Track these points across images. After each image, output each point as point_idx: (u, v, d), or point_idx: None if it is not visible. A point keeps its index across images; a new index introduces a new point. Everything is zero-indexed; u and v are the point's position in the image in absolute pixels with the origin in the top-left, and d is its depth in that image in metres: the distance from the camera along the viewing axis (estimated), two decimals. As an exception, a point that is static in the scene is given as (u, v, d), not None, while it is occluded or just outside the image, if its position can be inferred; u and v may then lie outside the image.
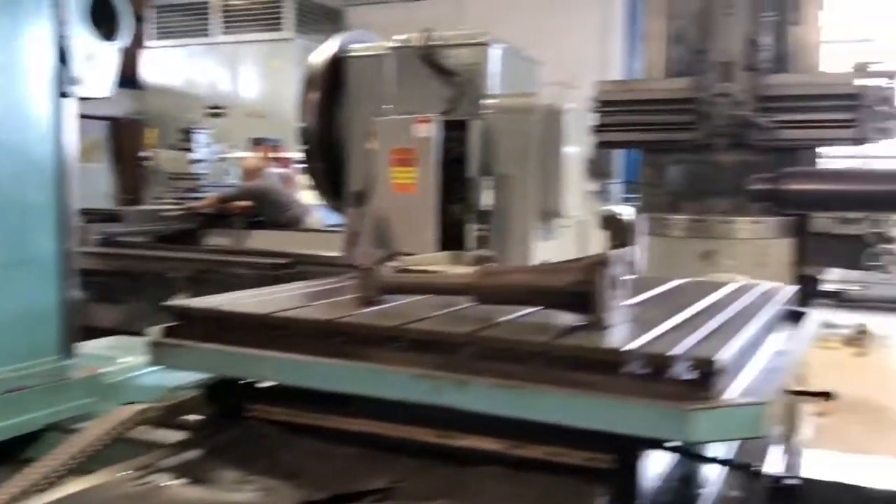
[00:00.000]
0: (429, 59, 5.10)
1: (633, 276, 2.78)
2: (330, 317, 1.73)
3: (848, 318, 9.00)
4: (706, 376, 1.41)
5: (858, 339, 7.97)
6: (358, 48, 5.78)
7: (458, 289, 1.82)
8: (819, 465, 2.30)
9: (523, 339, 1.55)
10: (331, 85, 5.70)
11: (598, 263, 1.65)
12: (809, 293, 9.12)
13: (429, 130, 4.68)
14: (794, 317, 2.43)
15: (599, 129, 8.91)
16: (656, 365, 1.44)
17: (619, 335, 1.59)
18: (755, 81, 7.98)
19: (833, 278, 9.69)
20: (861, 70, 8.49)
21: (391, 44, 5.40)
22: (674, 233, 7.73)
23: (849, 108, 7.83)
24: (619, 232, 10.15)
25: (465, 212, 4.92)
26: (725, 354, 1.45)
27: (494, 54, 5.15)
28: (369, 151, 5.10)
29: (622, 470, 1.49)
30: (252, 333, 1.73)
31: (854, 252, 8.48)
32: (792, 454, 2.22)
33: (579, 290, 1.67)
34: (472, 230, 4.96)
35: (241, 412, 1.81)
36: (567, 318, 1.69)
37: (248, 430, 1.77)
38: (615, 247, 9.89)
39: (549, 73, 12.21)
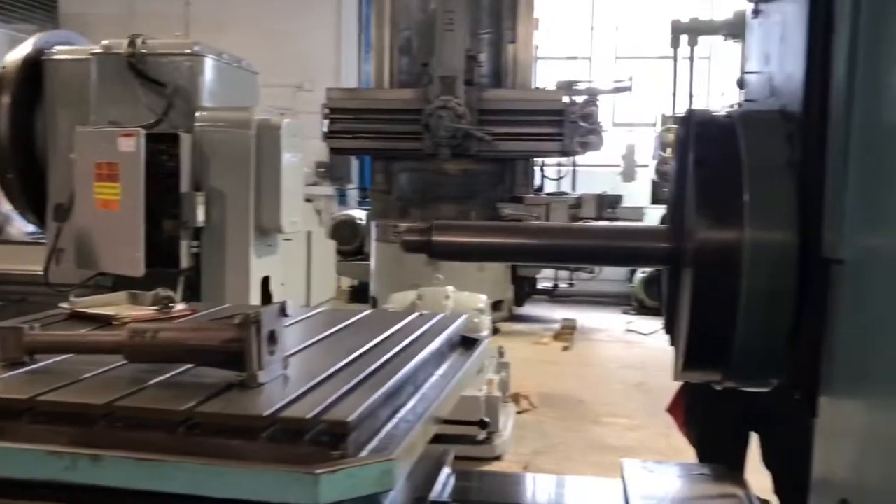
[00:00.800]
0: (136, 67, 4.84)
1: (320, 311, 2.85)
2: (-45, 389, 1.60)
3: (560, 314, 9.86)
4: (339, 437, 1.47)
5: (565, 333, 8.76)
6: (61, 50, 5.35)
7: (109, 348, 1.75)
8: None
9: (163, 409, 1.53)
10: (28, 88, 5.24)
11: (250, 321, 1.66)
12: (527, 292, 9.87)
13: (134, 144, 4.44)
14: (468, 343, 2.59)
15: (331, 135, 9.04)
16: (292, 429, 1.48)
17: (267, 396, 1.62)
18: (474, 95, 8.47)
19: (547, 276, 10.55)
20: (567, 88, 9.31)
21: (96, 49, 5.06)
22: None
23: (556, 123, 8.56)
24: (351, 238, 10.33)
25: (178, 228, 4.74)
26: (360, 413, 1.52)
27: (207, 65, 4.99)
28: (73, 163, 4.76)
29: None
30: None
31: (563, 254, 9.25)
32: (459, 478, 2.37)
33: (231, 348, 1.67)
34: (187, 247, 4.79)
35: None
36: (222, 375, 1.69)
37: None
38: (348, 253, 10.04)
39: (284, 75, 12.12)
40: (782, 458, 2.88)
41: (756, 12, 2.08)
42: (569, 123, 8.36)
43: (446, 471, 2.38)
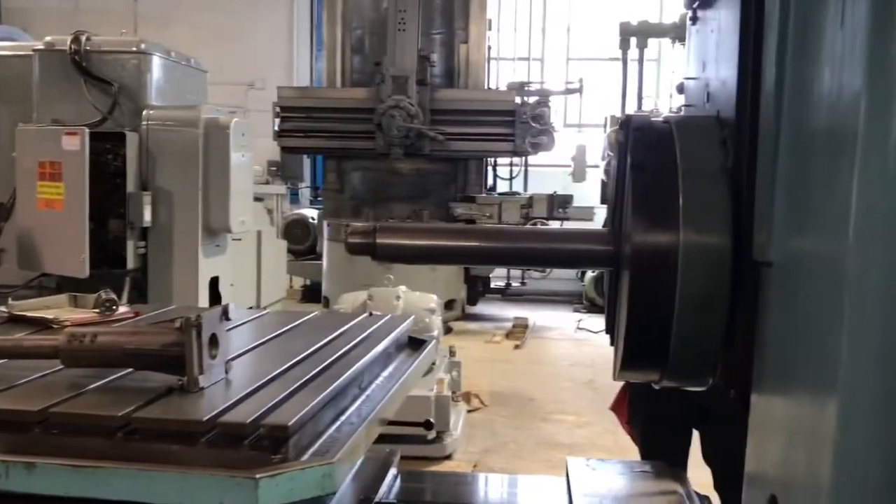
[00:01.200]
0: (80, 65, 4.76)
1: (266, 313, 2.83)
2: None
3: (512, 312, 9.92)
4: (279, 441, 1.47)
5: (517, 332, 8.83)
6: (1, 46, 5.25)
7: (45, 352, 1.73)
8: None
9: (100, 414, 1.51)
10: (-33, 84, 5.12)
11: (191, 325, 1.65)
12: (480, 291, 9.90)
13: (78, 143, 4.37)
14: (416, 344, 2.60)
15: (282, 134, 8.97)
16: (232, 434, 1.47)
17: (207, 400, 1.61)
18: (426, 95, 8.48)
19: (499, 276, 10.60)
20: (518, 88, 9.37)
21: (38, 45, 4.96)
22: (354, 238, 7.98)
23: (508, 123, 8.62)
24: (303, 237, 10.27)
25: (124, 229, 4.67)
26: (300, 417, 1.52)
27: (155, 62, 4.93)
28: (14, 162, 4.66)
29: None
30: None
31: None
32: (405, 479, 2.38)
33: (171, 352, 1.66)
34: (133, 248, 4.73)
35: None
36: (162, 380, 1.68)
37: None
38: (300, 252, 9.99)
39: (235, 73, 11.99)
40: (721, 454, 2.95)
41: (694, 19, 2.12)
42: (520, 124, 8.42)
43: (393, 471, 2.39)
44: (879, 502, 1.08)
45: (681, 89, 2.30)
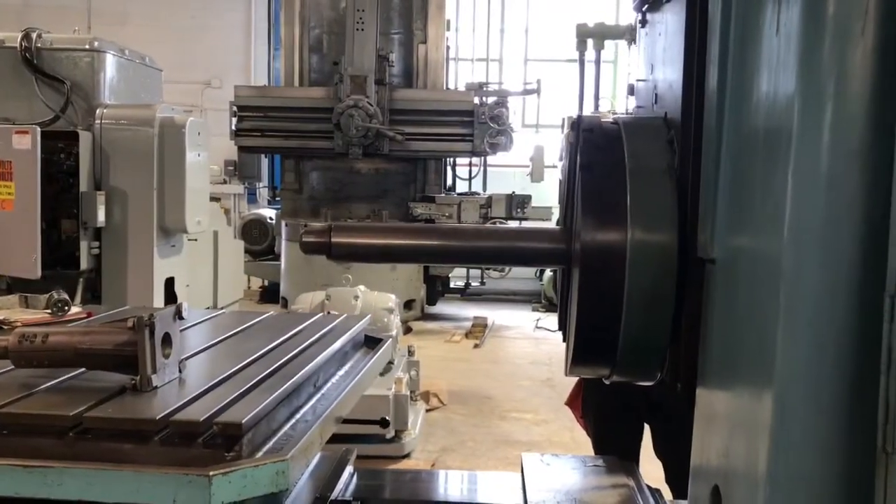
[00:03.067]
0: (31, 62, 4.69)
1: (222, 313, 2.83)
2: None
3: (472, 312, 9.94)
4: (232, 439, 1.48)
5: (476, 331, 8.85)
6: (-52, 42, 5.12)
7: (-4, 353, 1.71)
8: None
9: (51, 414, 1.50)
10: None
11: (143, 324, 1.64)
12: (439, 291, 9.90)
13: (29, 142, 4.30)
14: (373, 343, 2.61)
15: (239, 133, 8.90)
16: (185, 432, 1.48)
17: (160, 399, 1.61)
18: (385, 95, 8.49)
19: (459, 276, 10.63)
20: (476, 89, 9.41)
21: (-13, 42, 4.87)
22: (313, 238, 7.95)
23: (466, 124, 8.66)
24: (261, 238, 10.21)
25: (77, 229, 4.61)
26: (254, 415, 1.53)
27: (108, 61, 4.87)
28: (-38, 161, 4.57)
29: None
30: None
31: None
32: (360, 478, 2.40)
33: (124, 352, 1.65)
34: (87, 248, 4.67)
35: None
36: (115, 379, 1.67)
37: None
38: (258, 253, 9.92)
39: (191, 71, 11.87)
40: (671, 448, 3.01)
41: (643, 22, 2.17)
42: (479, 124, 8.46)
43: (349, 469, 2.40)
44: (814, 491, 1.12)
45: (631, 91, 2.35)
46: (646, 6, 2.12)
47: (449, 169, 10.05)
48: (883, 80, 1.05)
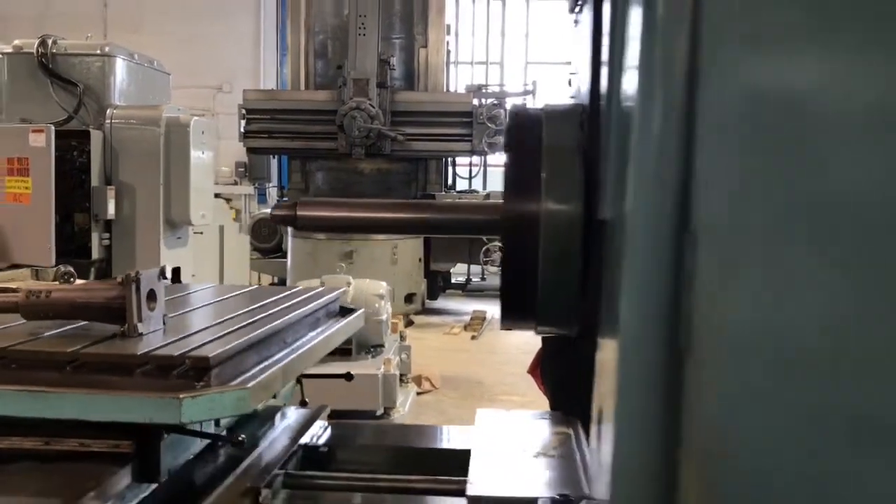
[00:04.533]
0: (47, 67, 5.03)
1: (211, 286, 3.13)
2: None
3: (472, 307, 10.21)
4: (202, 371, 1.78)
5: (475, 324, 9.13)
6: (-29, 49, 5.49)
7: (9, 308, 2.02)
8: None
9: (52, 350, 1.81)
10: (-62, 86, 5.36)
11: (130, 280, 1.95)
12: (441, 286, 10.18)
13: (44, 140, 4.64)
14: (348, 314, 2.90)
15: (247, 135, 9.25)
16: (163, 365, 1.78)
17: (144, 342, 1.91)
18: (387, 97, 8.80)
19: (460, 272, 10.90)
20: (476, 91, 9.71)
21: (6, 48, 5.22)
22: (317, 235, 8.30)
23: (465, 124, 8.95)
24: (270, 236, 10.54)
25: (89, 221, 4.95)
26: (221, 352, 1.83)
27: (118, 65, 5.21)
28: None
29: (142, 452, 1.82)
30: None
31: (473, 250, 9.65)
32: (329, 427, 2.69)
33: (114, 303, 1.96)
34: (98, 239, 5.00)
35: None
36: (109, 329, 1.98)
37: None
38: (267, 251, 10.25)
39: (204, 76, 12.24)
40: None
41: (576, 22, 2.47)
42: (477, 125, 8.75)
43: (321, 423, 2.70)
44: (655, 428, 1.37)
45: (569, 83, 2.63)
46: (577, 8, 2.41)
47: (450, 168, 10.34)
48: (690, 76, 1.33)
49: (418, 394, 5.69)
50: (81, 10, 11.62)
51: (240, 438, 1.94)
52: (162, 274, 2.08)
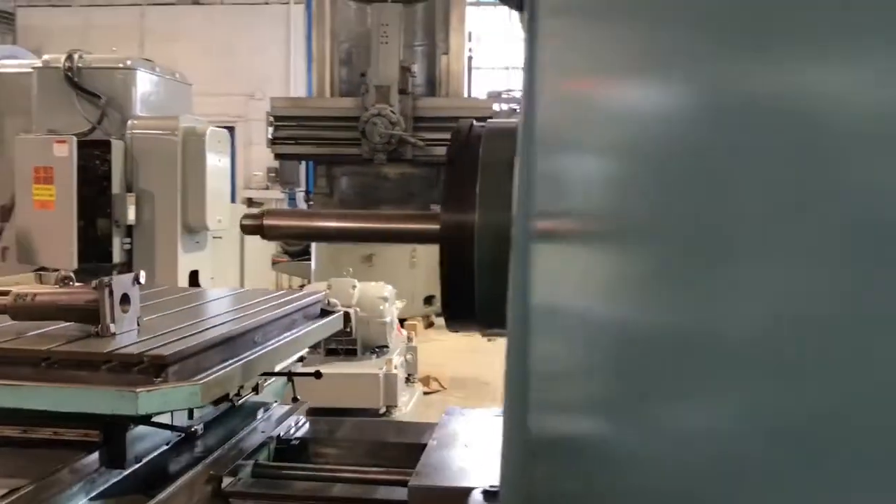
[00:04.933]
0: (72, 80, 5.32)
1: (200, 290, 3.33)
2: None
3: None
4: (160, 368, 1.97)
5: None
6: (5, 64, 5.82)
7: (-1, 309, 2.24)
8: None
9: (28, 348, 2.02)
10: (-26, 99, 5.69)
11: (103, 285, 2.16)
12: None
13: (67, 150, 4.92)
14: (329, 315, 3.08)
15: (275, 141, 9.52)
16: (125, 363, 1.98)
17: (115, 342, 2.11)
18: (408, 104, 8.99)
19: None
20: (496, 96, 9.85)
21: (37, 63, 5.53)
22: (340, 238, 8.49)
23: (485, 129, 9.08)
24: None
25: (110, 226, 5.22)
26: (177, 351, 2.02)
27: (140, 77, 5.48)
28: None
29: (109, 441, 2.02)
30: None
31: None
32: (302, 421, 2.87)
33: (91, 306, 2.17)
34: (119, 244, 5.27)
35: None
36: (87, 329, 2.19)
37: None
38: (296, 254, 10.49)
39: (237, 84, 12.57)
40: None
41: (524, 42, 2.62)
42: (498, 129, 8.86)
43: (298, 417, 2.89)
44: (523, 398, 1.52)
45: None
46: (524, 30, 2.57)
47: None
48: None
49: (425, 393, 5.86)
50: (121, 21, 12.05)
51: (192, 429, 2.13)
52: (136, 279, 2.28)
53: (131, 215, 5.21)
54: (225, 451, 2.46)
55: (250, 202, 11.10)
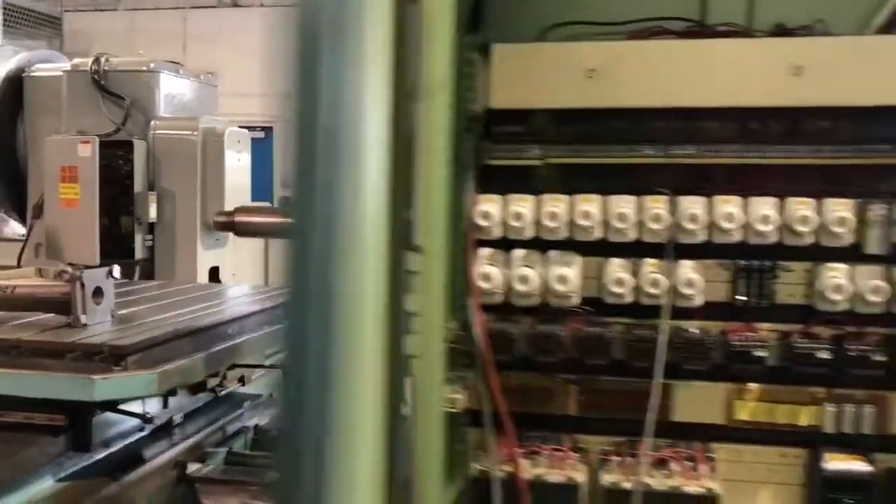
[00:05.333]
0: (98, 82, 5.51)
1: (192, 285, 3.45)
2: None
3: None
4: (120, 357, 2.08)
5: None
6: (39, 68, 6.04)
7: (-18, 301, 2.38)
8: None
9: (1, 337, 2.15)
10: (10, 102, 5.93)
11: (75, 278, 2.28)
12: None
13: (90, 150, 5.11)
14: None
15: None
16: (88, 352, 2.09)
17: (85, 332, 2.23)
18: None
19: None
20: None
21: (66, 66, 5.74)
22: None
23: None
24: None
25: (132, 224, 5.39)
26: (136, 342, 2.13)
27: (164, 79, 5.65)
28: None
29: (75, 425, 2.14)
30: None
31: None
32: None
33: (65, 298, 2.29)
34: (141, 241, 5.44)
35: None
36: (59, 319, 2.31)
37: None
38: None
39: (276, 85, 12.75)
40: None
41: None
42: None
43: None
44: None
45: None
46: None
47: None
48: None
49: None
50: (163, 25, 12.34)
51: (148, 417, 2.24)
52: (109, 273, 2.40)
53: (153, 213, 5.38)
54: (199, 439, 2.56)
55: (285, 199, 11.24)
